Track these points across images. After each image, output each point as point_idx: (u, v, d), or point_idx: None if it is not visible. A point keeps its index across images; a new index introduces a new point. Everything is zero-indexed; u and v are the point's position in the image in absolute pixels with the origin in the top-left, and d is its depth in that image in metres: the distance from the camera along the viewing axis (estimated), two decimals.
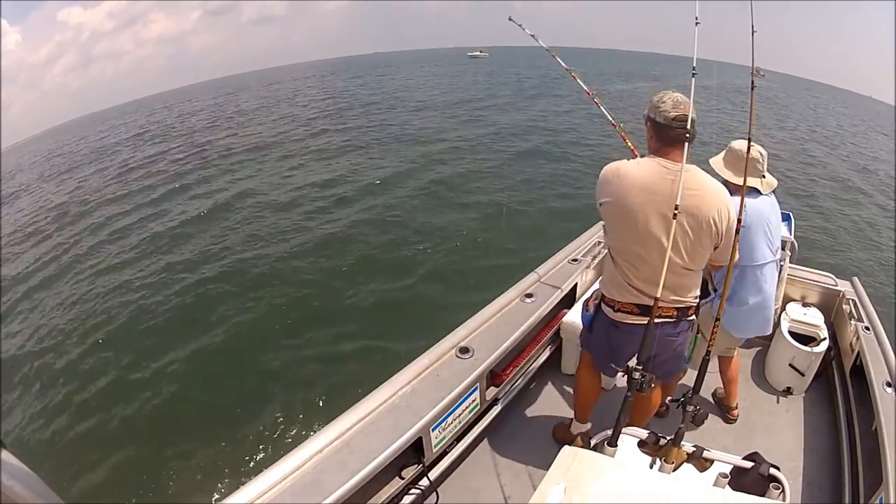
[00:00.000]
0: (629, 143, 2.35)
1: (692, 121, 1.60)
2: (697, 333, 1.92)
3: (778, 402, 2.68)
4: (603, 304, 1.87)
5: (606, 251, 1.86)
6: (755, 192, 2.07)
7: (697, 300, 1.81)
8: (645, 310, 1.71)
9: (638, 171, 1.65)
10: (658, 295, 1.59)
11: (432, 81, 39.56)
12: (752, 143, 1.96)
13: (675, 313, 1.75)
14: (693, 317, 1.81)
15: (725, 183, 2.32)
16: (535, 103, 22.62)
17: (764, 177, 2.06)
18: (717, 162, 2.17)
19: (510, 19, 2.93)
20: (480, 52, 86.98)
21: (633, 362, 1.55)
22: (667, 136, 1.62)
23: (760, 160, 2.06)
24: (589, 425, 2.28)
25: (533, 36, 2.91)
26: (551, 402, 2.66)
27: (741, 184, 2.01)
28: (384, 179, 11.05)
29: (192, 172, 14.29)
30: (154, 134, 25.76)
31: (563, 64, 2.79)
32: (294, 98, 33.83)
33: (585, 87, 2.71)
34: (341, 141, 16.03)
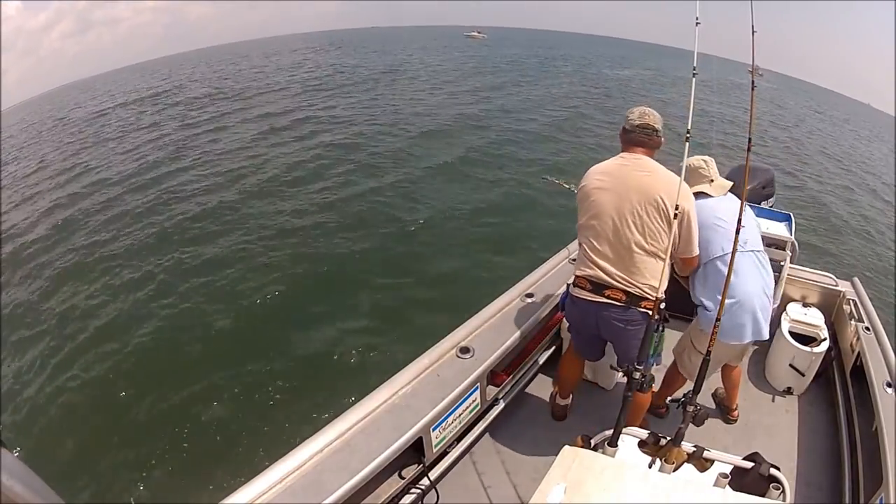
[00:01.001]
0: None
1: (655, 129, 1.91)
2: (659, 331, 1.93)
3: (778, 402, 2.68)
4: (569, 284, 2.14)
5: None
6: (703, 195, 2.18)
7: (656, 295, 1.84)
8: (596, 287, 1.91)
9: (599, 164, 2.01)
10: (608, 269, 1.85)
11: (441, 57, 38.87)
12: (696, 155, 2.16)
13: (624, 297, 1.85)
14: (650, 311, 1.84)
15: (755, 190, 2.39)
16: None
17: (712, 181, 2.22)
18: (683, 187, 2.29)
19: (543, 177, 3.47)
20: (478, 32, 77.89)
21: (614, 361, 1.58)
22: (629, 139, 1.95)
23: (704, 167, 2.22)
24: (570, 400, 2.53)
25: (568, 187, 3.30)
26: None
27: (695, 191, 2.16)
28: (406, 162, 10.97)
29: (191, 144, 14.16)
30: (151, 98, 25.40)
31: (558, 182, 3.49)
32: (295, 69, 33.16)
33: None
34: (348, 118, 15.96)
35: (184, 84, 30.77)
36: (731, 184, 2.23)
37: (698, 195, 2.15)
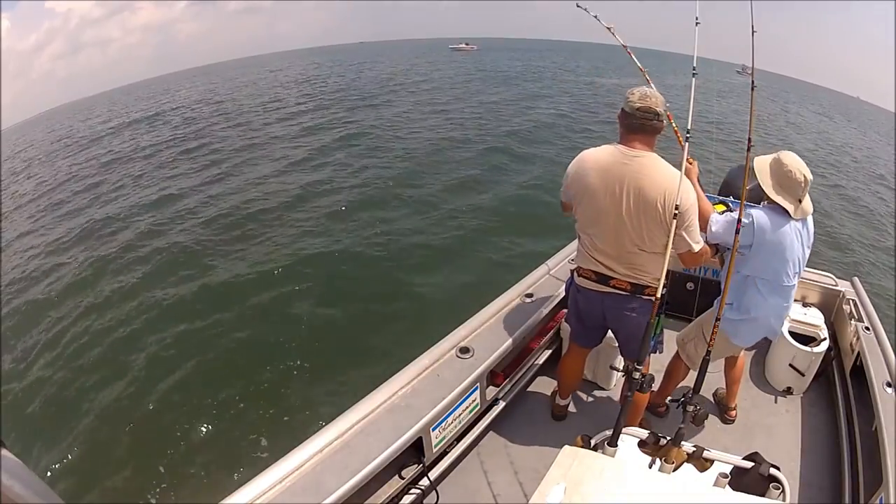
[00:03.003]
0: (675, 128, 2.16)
1: (657, 114, 1.75)
2: (660, 315, 1.94)
3: (777, 402, 2.68)
4: (574, 273, 2.09)
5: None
6: (786, 214, 1.95)
7: (660, 284, 1.81)
8: (601, 278, 1.94)
9: (597, 154, 1.85)
10: (611, 265, 1.87)
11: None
12: (799, 166, 1.91)
13: (629, 287, 1.89)
14: (653, 297, 1.86)
15: (732, 183, 2.29)
16: None
17: (800, 201, 1.94)
18: (762, 166, 2.00)
19: (578, 6, 2.55)
20: (466, 44, 72.92)
21: (620, 362, 1.57)
22: (629, 125, 1.78)
23: (802, 184, 1.91)
24: (570, 400, 2.54)
25: (609, 28, 2.50)
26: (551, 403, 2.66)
27: (776, 201, 1.95)
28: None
29: (192, 165, 14.10)
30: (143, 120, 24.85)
31: (637, 62, 2.51)
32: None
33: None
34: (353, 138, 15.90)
35: (184, 104, 30.24)
36: (812, 209, 2.00)
37: (774, 205, 1.96)
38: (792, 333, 2.69)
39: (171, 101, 31.99)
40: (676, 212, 1.69)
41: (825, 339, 2.66)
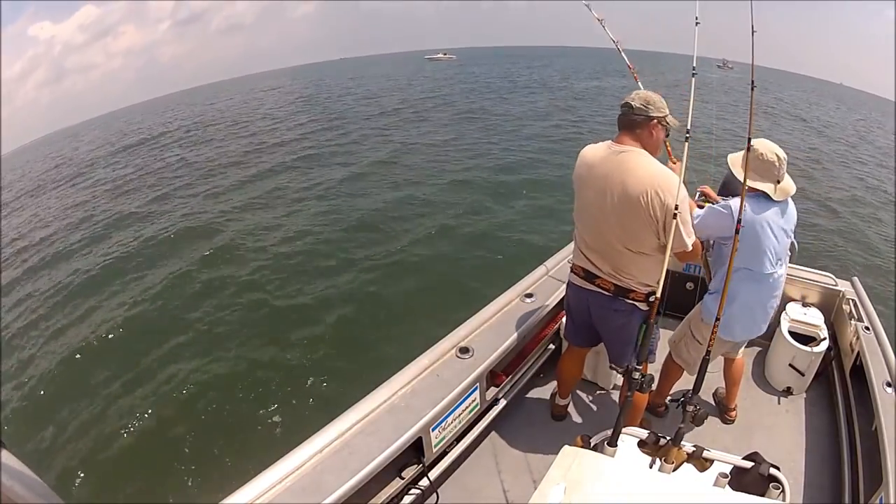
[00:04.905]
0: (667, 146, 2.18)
1: (630, 106, 1.75)
2: (649, 321, 1.81)
3: (778, 402, 2.68)
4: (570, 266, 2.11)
5: None
6: (766, 197, 1.96)
7: (647, 289, 1.84)
8: (588, 275, 1.95)
9: (591, 150, 1.87)
10: (597, 263, 1.87)
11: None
12: (770, 146, 1.93)
13: (613, 288, 1.88)
14: (638, 303, 1.86)
15: (731, 182, 2.25)
16: None
17: (779, 182, 1.95)
18: (734, 158, 2.04)
19: (586, 5, 2.50)
20: (444, 54, 75.02)
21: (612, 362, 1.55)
22: (617, 120, 1.82)
23: (777, 164, 1.93)
24: (569, 400, 2.54)
25: (613, 38, 2.56)
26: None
27: (756, 188, 1.94)
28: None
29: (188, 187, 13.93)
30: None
31: (626, 59, 2.53)
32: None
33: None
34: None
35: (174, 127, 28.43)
36: (794, 189, 2.00)
37: (755, 192, 1.95)
38: (792, 333, 2.69)
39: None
40: (677, 211, 1.64)
41: (825, 338, 2.66)
